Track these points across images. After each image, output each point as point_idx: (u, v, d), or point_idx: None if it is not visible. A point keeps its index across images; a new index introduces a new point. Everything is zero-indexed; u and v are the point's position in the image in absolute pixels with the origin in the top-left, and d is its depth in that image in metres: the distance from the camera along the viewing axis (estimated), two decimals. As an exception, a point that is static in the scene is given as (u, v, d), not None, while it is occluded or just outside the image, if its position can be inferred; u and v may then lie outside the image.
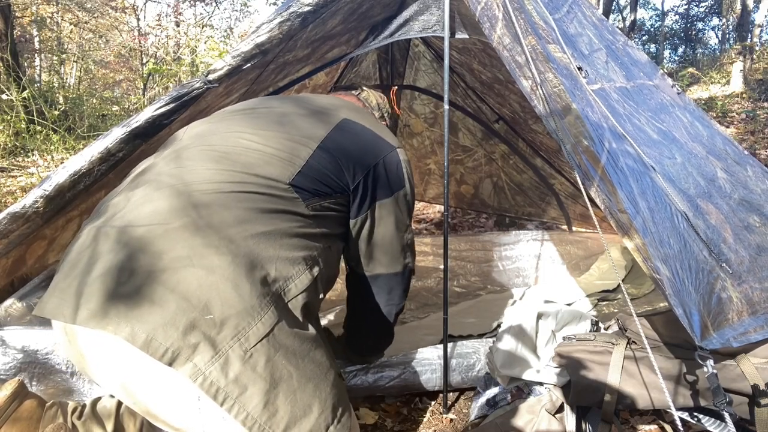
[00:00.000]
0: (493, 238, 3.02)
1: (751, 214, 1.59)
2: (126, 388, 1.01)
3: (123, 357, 0.97)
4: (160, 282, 0.96)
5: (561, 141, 1.28)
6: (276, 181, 1.16)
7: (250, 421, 0.94)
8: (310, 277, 1.12)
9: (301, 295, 1.09)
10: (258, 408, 0.95)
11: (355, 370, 1.60)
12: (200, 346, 0.92)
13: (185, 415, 0.99)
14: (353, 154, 1.29)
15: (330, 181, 1.24)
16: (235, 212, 1.08)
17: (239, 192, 1.11)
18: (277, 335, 1.00)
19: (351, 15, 1.61)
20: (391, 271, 1.42)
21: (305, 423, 0.99)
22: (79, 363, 1.07)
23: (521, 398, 1.47)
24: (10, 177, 4.33)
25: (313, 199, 1.20)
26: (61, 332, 1.06)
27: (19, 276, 1.69)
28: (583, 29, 1.75)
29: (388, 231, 1.37)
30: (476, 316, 2.34)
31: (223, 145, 1.21)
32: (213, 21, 13.48)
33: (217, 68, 1.47)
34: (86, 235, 1.09)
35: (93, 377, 1.07)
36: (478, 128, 3.09)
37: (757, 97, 8.55)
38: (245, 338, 0.95)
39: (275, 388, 0.97)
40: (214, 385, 0.92)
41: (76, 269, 1.02)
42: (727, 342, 1.16)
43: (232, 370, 0.93)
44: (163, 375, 0.96)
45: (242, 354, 0.94)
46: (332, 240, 1.28)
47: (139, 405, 1.03)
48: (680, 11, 21.94)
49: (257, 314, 0.98)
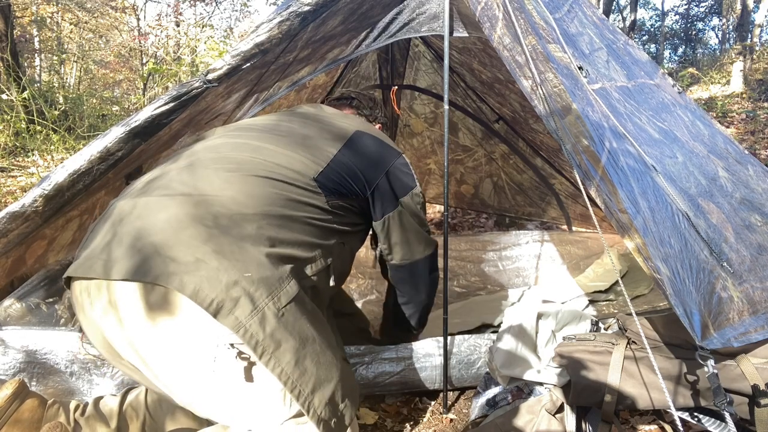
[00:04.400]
0: (493, 238, 3.02)
1: (753, 214, 1.59)
2: (140, 353, 1.04)
3: (155, 311, 1.01)
4: (199, 257, 1.02)
5: (561, 141, 1.27)
6: (302, 174, 1.27)
7: (284, 377, 1.02)
8: (323, 263, 1.23)
9: (315, 276, 1.20)
10: (291, 364, 1.02)
11: (356, 365, 1.60)
12: (241, 300, 1.00)
13: (197, 377, 1.03)
14: (366, 162, 1.41)
15: (347, 185, 1.36)
16: (266, 196, 1.18)
17: (271, 179, 1.21)
18: (301, 302, 1.10)
19: (351, 15, 1.60)
20: (424, 256, 1.56)
21: (328, 387, 1.07)
22: (92, 329, 1.10)
23: (521, 398, 1.47)
24: (10, 177, 4.33)
25: (333, 196, 1.31)
26: (83, 293, 1.08)
27: (18, 276, 1.69)
28: (583, 28, 1.74)
29: (412, 223, 1.51)
30: (468, 316, 2.33)
31: (242, 156, 1.27)
32: (213, 21, 13.46)
33: (216, 68, 1.46)
34: (119, 211, 1.13)
35: (105, 343, 1.09)
36: (478, 128, 3.09)
37: (757, 97, 8.54)
38: (278, 298, 1.04)
39: (304, 347, 1.05)
40: (254, 338, 0.99)
41: (115, 243, 1.06)
42: (727, 342, 1.15)
43: (269, 326, 1.01)
44: (188, 331, 1.01)
45: (276, 312, 1.03)
46: (347, 237, 1.39)
47: (152, 371, 1.06)
48: (680, 11, 21.96)
49: (285, 280, 1.08)
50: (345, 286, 2.67)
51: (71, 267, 1.11)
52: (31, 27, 11.83)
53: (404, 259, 1.54)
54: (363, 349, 1.62)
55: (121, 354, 1.08)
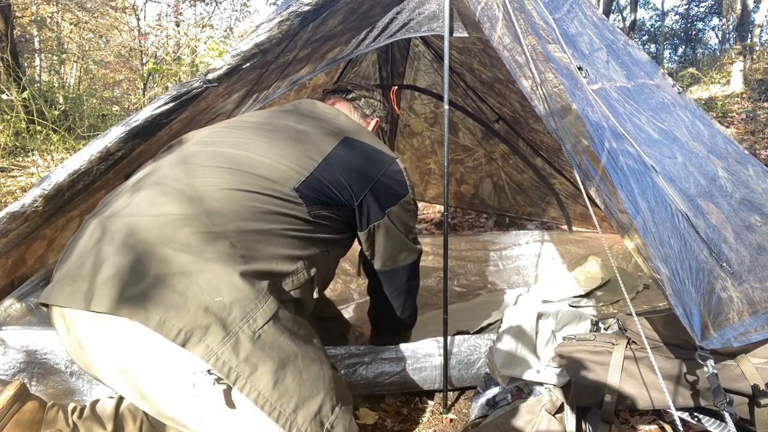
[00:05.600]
0: (493, 238, 3.02)
1: (753, 214, 1.59)
2: (125, 375, 1.03)
3: (125, 343, 0.99)
4: (168, 285, 0.99)
5: (561, 141, 1.27)
6: (281, 185, 1.22)
7: (262, 400, 0.98)
8: (306, 276, 1.19)
9: (296, 290, 1.15)
10: (268, 387, 0.99)
11: (355, 365, 1.60)
12: (212, 327, 0.96)
13: (180, 402, 1.01)
14: (355, 172, 1.37)
15: (331, 194, 1.31)
16: (240, 211, 1.13)
17: (245, 191, 1.16)
18: (281, 319, 1.06)
19: (351, 15, 1.60)
20: (405, 264, 1.56)
21: (313, 403, 1.03)
22: (75, 351, 1.08)
23: (521, 398, 1.47)
24: (10, 177, 4.33)
25: (314, 206, 1.27)
26: (59, 320, 1.07)
27: (19, 276, 1.69)
28: (583, 29, 1.74)
29: (397, 233, 1.49)
30: (472, 318, 2.33)
31: (231, 152, 1.24)
32: (213, 21, 13.45)
33: (216, 67, 1.46)
34: (90, 233, 1.10)
35: (89, 365, 1.08)
36: (478, 128, 3.09)
37: (757, 97, 8.54)
38: (253, 320, 1.00)
39: (283, 367, 1.01)
40: (227, 365, 0.96)
41: (84, 269, 1.04)
42: (727, 342, 1.15)
43: (243, 350, 0.98)
44: (162, 360, 0.99)
45: (251, 335, 0.99)
46: (330, 245, 1.35)
47: (136, 392, 1.05)
48: (680, 11, 21.95)
49: (262, 299, 1.03)
50: (344, 286, 2.67)
51: (46, 291, 1.07)
52: (31, 27, 11.82)
53: (385, 266, 1.54)
54: (363, 349, 1.62)
55: (106, 378, 1.07)
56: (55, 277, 1.10)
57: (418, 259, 1.61)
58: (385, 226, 1.45)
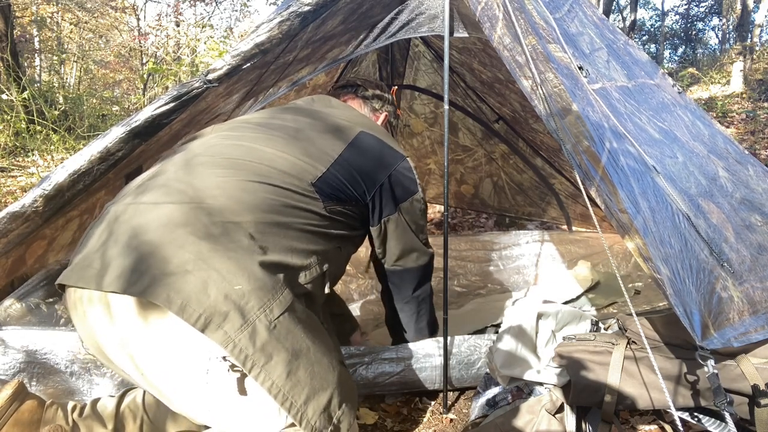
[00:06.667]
0: (493, 238, 3.02)
1: (753, 213, 1.59)
2: (135, 362, 1.04)
3: (142, 326, 1.00)
4: (189, 271, 1.00)
5: (561, 141, 1.27)
6: (299, 179, 1.23)
7: (275, 389, 0.99)
8: (319, 270, 1.20)
9: (309, 284, 1.16)
10: (282, 377, 1.00)
11: (355, 365, 1.60)
12: (230, 314, 0.98)
13: (192, 389, 1.03)
14: (368, 167, 1.39)
15: (346, 190, 1.33)
16: (260, 203, 1.15)
17: (265, 184, 1.18)
18: (296, 311, 1.07)
19: (351, 15, 1.60)
20: (416, 265, 1.56)
21: (323, 396, 1.05)
22: (86, 333, 1.10)
23: (521, 398, 1.47)
24: (10, 177, 4.33)
25: (330, 201, 1.29)
26: (75, 301, 1.08)
27: (19, 276, 1.69)
28: (584, 28, 1.74)
29: (409, 231, 1.50)
30: (473, 321, 2.33)
31: (238, 154, 1.25)
32: (213, 21, 13.46)
33: (216, 68, 1.46)
34: (113, 217, 1.12)
35: (100, 348, 1.09)
36: (478, 128, 3.09)
37: (757, 97, 8.54)
38: (270, 309, 1.02)
39: (297, 359, 1.03)
40: (243, 353, 0.97)
41: (104, 252, 1.05)
42: (727, 342, 1.15)
43: (260, 339, 0.99)
44: (179, 345, 1.00)
45: (268, 324, 1.01)
46: (343, 242, 1.36)
47: (147, 379, 1.06)
48: (680, 11, 21.95)
49: (279, 290, 1.05)
50: (345, 287, 2.67)
51: (64, 273, 1.09)
52: (31, 27, 11.82)
53: (396, 265, 1.54)
54: (363, 350, 1.62)
55: (115, 361, 1.08)
56: (74, 260, 1.12)
57: (431, 262, 1.60)
58: (396, 221, 1.46)
